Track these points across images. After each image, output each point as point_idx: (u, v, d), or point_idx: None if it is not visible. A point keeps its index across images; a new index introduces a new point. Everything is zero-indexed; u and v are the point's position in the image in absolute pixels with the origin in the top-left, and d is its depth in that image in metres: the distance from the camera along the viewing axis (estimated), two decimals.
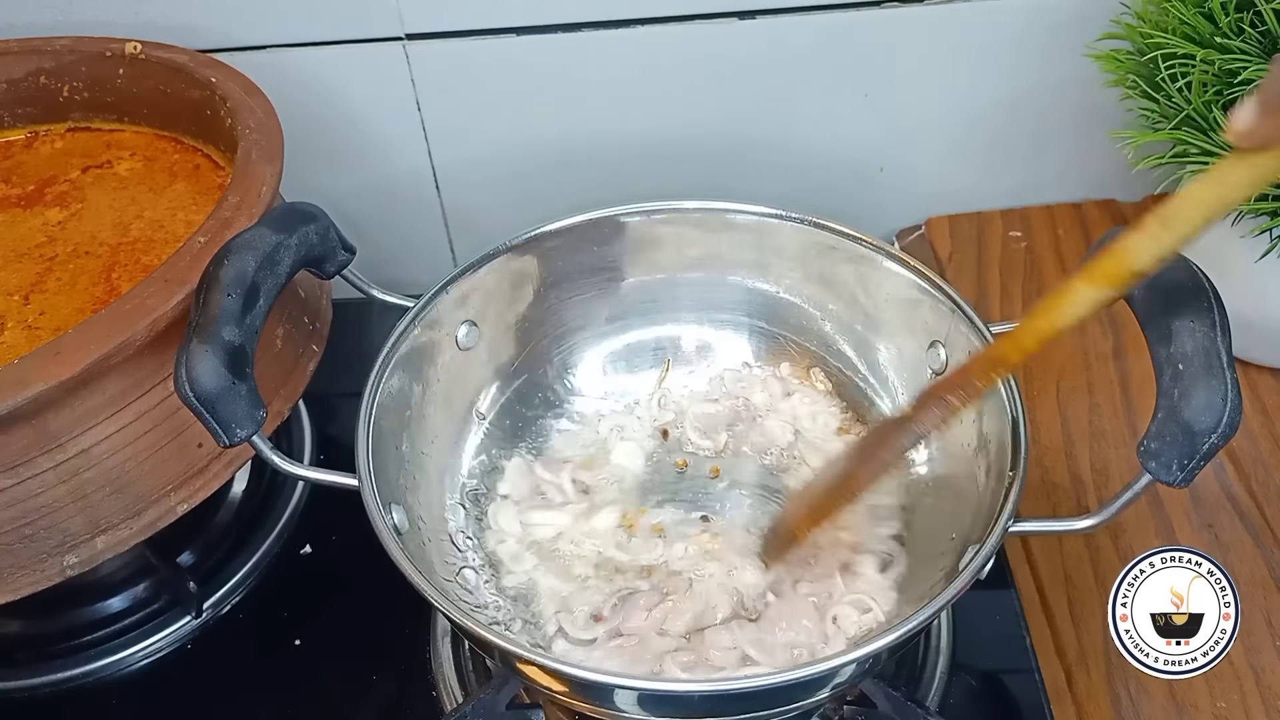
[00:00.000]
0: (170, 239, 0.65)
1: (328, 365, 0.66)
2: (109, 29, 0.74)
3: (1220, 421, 0.44)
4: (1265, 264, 0.65)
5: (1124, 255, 0.41)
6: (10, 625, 0.67)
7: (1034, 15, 0.77)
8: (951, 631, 0.61)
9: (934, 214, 0.88)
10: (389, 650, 0.63)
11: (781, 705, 0.50)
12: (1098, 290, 0.42)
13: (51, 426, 0.52)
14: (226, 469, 0.59)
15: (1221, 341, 0.46)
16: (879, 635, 0.46)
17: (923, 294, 0.62)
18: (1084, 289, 0.43)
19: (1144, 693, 0.58)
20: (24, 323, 0.60)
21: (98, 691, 0.63)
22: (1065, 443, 0.71)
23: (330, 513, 0.71)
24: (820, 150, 0.84)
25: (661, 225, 0.67)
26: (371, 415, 0.56)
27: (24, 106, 0.75)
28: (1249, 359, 0.73)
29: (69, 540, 0.55)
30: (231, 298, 0.51)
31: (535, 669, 0.47)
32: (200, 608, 0.66)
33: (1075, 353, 0.76)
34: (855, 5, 0.76)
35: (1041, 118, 0.82)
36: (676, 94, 0.81)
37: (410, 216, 0.88)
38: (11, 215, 0.69)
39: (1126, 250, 0.41)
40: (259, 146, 0.63)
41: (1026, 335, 0.46)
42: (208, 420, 0.49)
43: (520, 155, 0.84)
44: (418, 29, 0.77)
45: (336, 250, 0.59)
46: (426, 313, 0.61)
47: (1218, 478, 0.68)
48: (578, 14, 0.77)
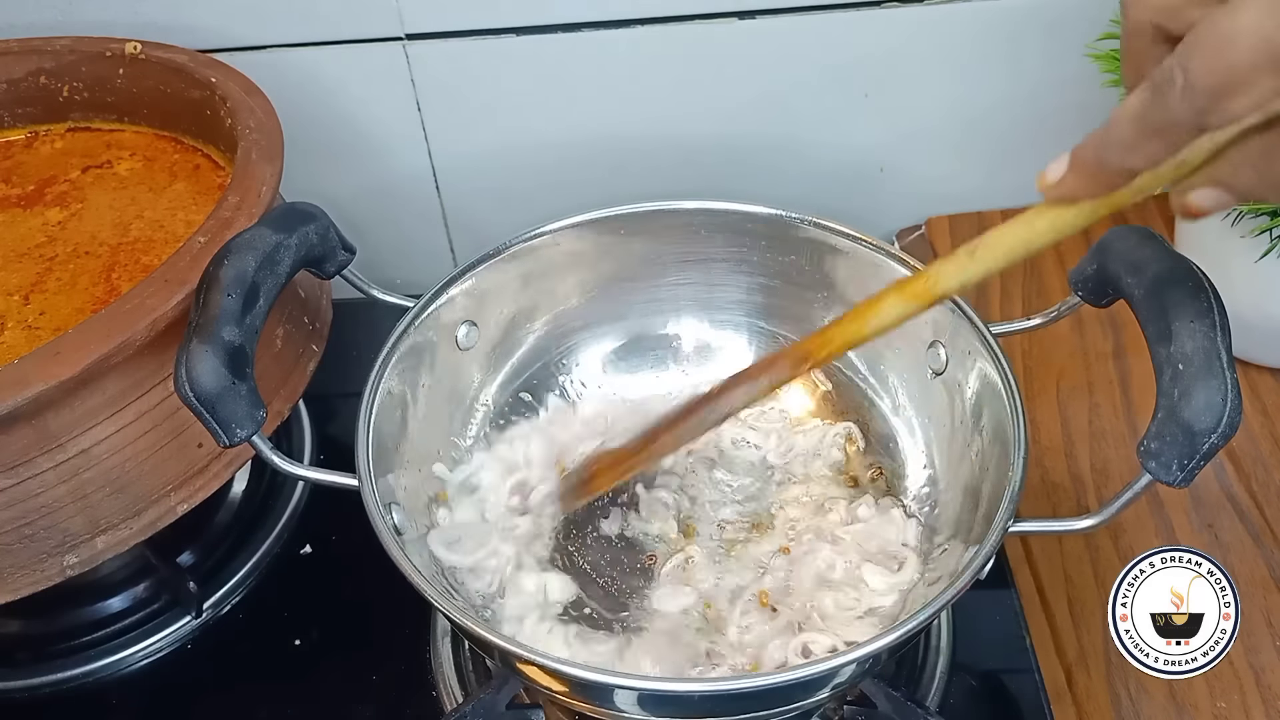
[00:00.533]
0: (170, 239, 0.65)
1: (328, 365, 0.66)
2: (109, 29, 0.74)
3: (1220, 421, 0.44)
4: (1265, 264, 0.65)
5: (932, 278, 0.44)
6: (10, 625, 0.67)
7: (1034, 15, 0.77)
8: (951, 631, 0.61)
9: (934, 214, 0.88)
10: (389, 650, 0.63)
11: (781, 705, 0.50)
12: (904, 305, 0.45)
13: (51, 426, 0.52)
14: (226, 469, 0.59)
15: (1222, 341, 0.46)
16: (879, 635, 0.46)
17: None
18: (893, 301, 0.45)
19: (1144, 693, 0.58)
20: (24, 323, 0.60)
21: (98, 691, 0.63)
22: (1065, 443, 0.71)
23: (330, 513, 0.71)
24: (820, 150, 0.84)
25: (661, 225, 0.67)
26: (371, 415, 0.56)
27: (24, 106, 0.75)
28: (1249, 359, 0.73)
29: (69, 540, 0.54)
30: (231, 298, 0.51)
31: (535, 669, 0.47)
32: (200, 608, 0.66)
33: (1075, 353, 0.76)
34: (855, 5, 0.76)
35: (1042, 118, 0.82)
36: (676, 94, 0.81)
37: (410, 216, 0.88)
38: (11, 215, 0.69)
39: (935, 274, 0.43)
40: (259, 146, 0.63)
41: (836, 337, 0.48)
42: (208, 420, 0.49)
43: (520, 155, 0.84)
44: (418, 29, 0.77)
45: (336, 250, 0.59)
46: (426, 313, 0.61)
47: (1218, 478, 0.68)
48: (578, 14, 0.77)
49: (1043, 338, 0.77)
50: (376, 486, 0.53)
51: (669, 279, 0.69)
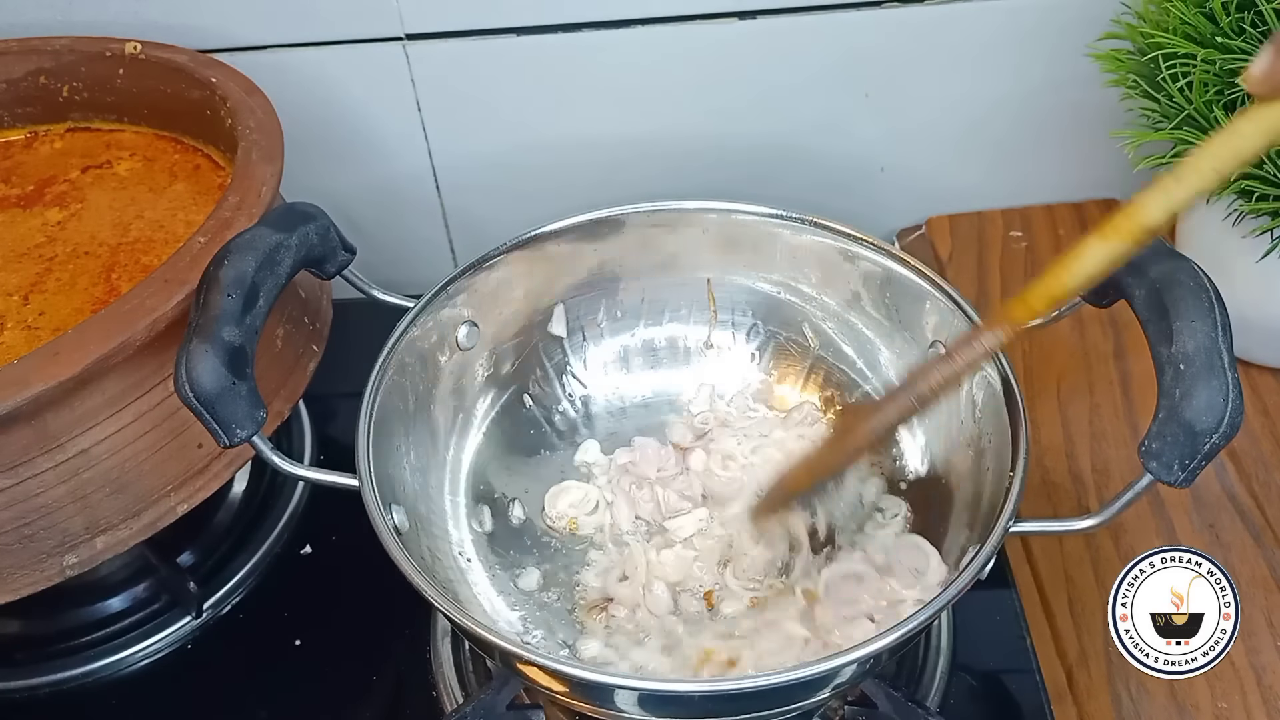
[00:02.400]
0: (170, 239, 0.65)
1: (328, 365, 0.65)
2: (109, 29, 0.74)
3: (1222, 421, 0.44)
4: (1266, 264, 0.65)
5: (1138, 210, 0.41)
6: (10, 625, 0.67)
7: (1034, 15, 0.77)
8: (952, 632, 0.61)
9: (934, 214, 0.88)
10: (389, 650, 0.63)
11: (782, 705, 0.50)
12: (1109, 246, 0.43)
13: (51, 426, 0.52)
14: (227, 469, 0.59)
15: (1223, 341, 0.46)
16: (880, 636, 0.46)
17: (923, 294, 0.62)
18: (1097, 245, 0.43)
19: (1145, 693, 0.58)
20: (24, 323, 0.60)
21: (98, 691, 0.63)
22: (1066, 443, 0.71)
23: (330, 513, 0.71)
24: (820, 150, 0.84)
25: (662, 225, 0.67)
26: (372, 415, 0.56)
27: (24, 106, 0.75)
28: (1250, 359, 0.73)
29: (69, 540, 0.54)
30: (231, 298, 0.51)
31: (535, 669, 0.47)
32: (200, 608, 0.66)
33: (1075, 353, 0.76)
34: (855, 5, 0.76)
35: (1042, 117, 0.82)
36: (677, 94, 0.81)
37: (410, 216, 0.88)
38: (11, 215, 0.69)
39: (1140, 205, 0.41)
40: (259, 146, 0.63)
41: (1036, 296, 0.46)
42: (208, 421, 0.49)
43: (520, 155, 0.84)
44: (418, 29, 0.77)
45: (337, 250, 0.59)
46: (427, 313, 0.61)
47: (1219, 478, 0.68)
48: (578, 14, 0.76)
49: (1043, 338, 0.77)
50: (377, 487, 0.53)
51: (669, 279, 0.69)
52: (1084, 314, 0.65)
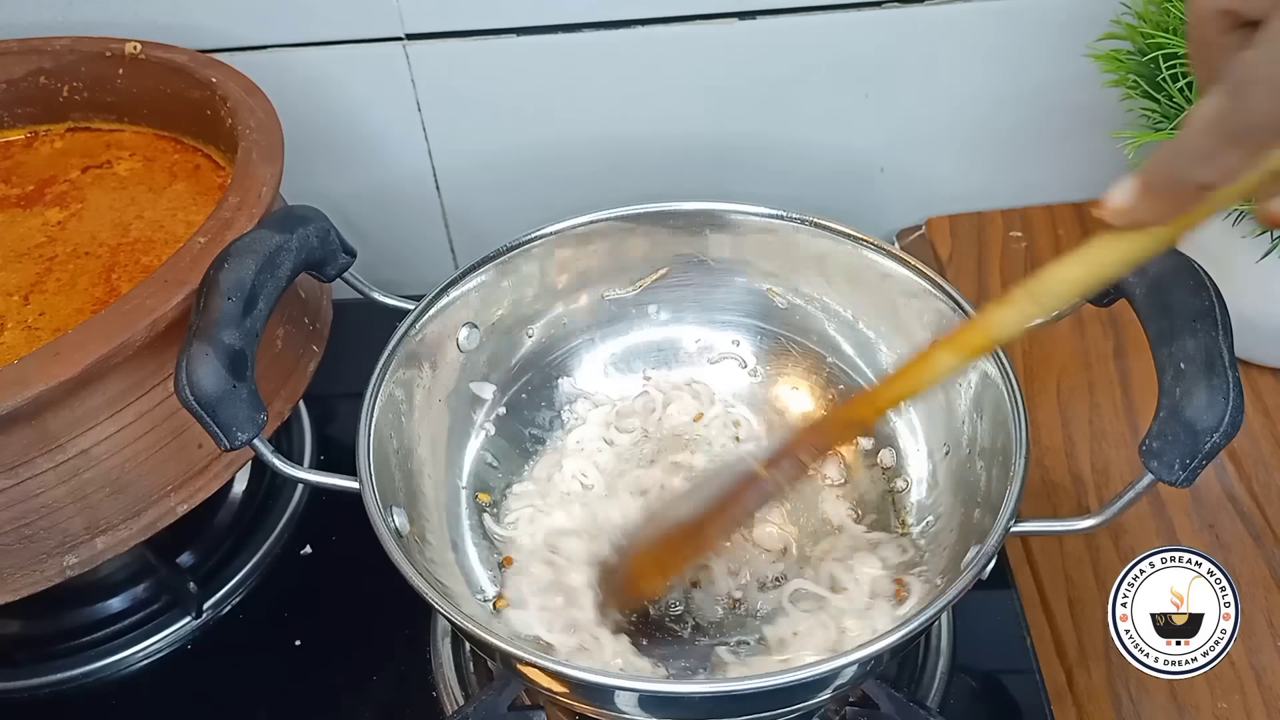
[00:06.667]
0: (170, 239, 0.65)
1: (328, 366, 0.66)
2: (109, 29, 0.74)
3: (1222, 421, 0.44)
4: (1267, 264, 0.65)
5: (988, 326, 0.41)
6: (10, 625, 0.67)
7: (1034, 15, 0.77)
8: (952, 632, 0.61)
9: (934, 214, 0.88)
10: (389, 651, 0.63)
11: (783, 706, 0.50)
12: (958, 358, 0.43)
13: (51, 427, 0.52)
14: (226, 470, 0.59)
15: (1223, 341, 0.46)
16: (880, 636, 0.46)
17: (923, 294, 0.62)
18: (945, 357, 0.43)
19: (1145, 693, 0.58)
20: (24, 323, 0.60)
21: (98, 691, 0.63)
22: (1066, 443, 0.71)
23: (331, 513, 0.71)
24: (820, 150, 0.84)
25: (661, 226, 0.67)
26: (372, 417, 0.56)
27: (24, 106, 0.75)
28: (1250, 359, 0.73)
29: (69, 540, 0.54)
30: (231, 301, 0.51)
31: (536, 670, 0.47)
32: (200, 608, 0.66)
33: (1075, 353, 0.76)
34: (855, 5, 0.76)
35: (1042, 118, 0.82)
36: (677, 94, 0.81)
37: (410, 218, 0.88)
38: (11, 215, 0.69)
39: (991, 321, 0.41)
40: (259, 147, 0.63)
41: (883, 398, 0.46)
42: (208, 424, 0.49)
43: (520, 156, 0.84)
44: (418, 29, 0.77)
45: (337, 253, 0.59)
46: (427, 314, 0.61)
47: (1219, 478, 0.68)
48: (578, 14, 0.76)
49: (1043, 338, 0.77)
50: (378, 489, 0.53)
51: (670, 279, 0.69)
52: (1084, 314, 0.65)
